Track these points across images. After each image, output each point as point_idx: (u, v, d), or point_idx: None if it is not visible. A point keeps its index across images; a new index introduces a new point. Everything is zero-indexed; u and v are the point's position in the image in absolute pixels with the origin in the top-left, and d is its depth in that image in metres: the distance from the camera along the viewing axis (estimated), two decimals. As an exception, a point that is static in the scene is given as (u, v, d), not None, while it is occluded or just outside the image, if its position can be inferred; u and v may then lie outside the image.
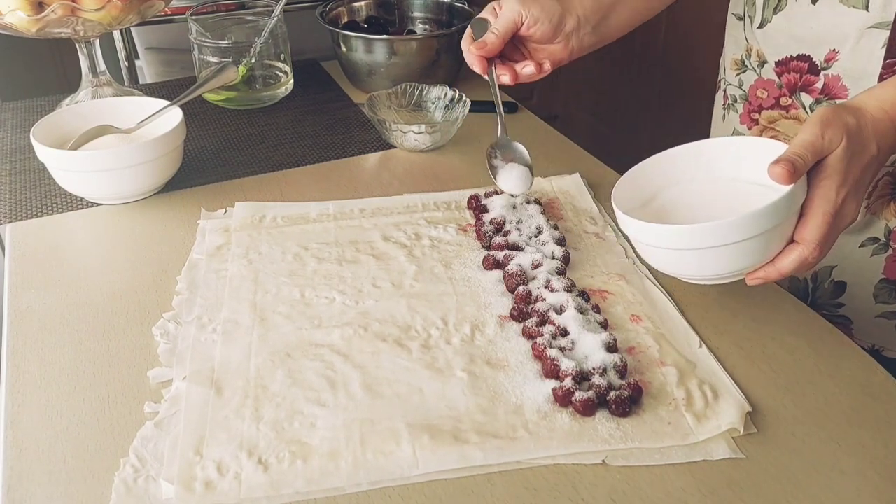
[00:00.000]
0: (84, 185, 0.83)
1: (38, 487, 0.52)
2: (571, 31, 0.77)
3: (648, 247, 0.63)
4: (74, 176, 0.82)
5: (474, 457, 0.54)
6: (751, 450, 0.56)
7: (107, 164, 0.80)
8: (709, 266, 0.60)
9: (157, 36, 1.26)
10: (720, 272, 0.60)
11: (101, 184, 0.82)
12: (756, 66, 0.82)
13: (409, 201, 0.85)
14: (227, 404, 0.58)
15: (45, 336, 0.66)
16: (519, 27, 0.76)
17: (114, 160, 0.80)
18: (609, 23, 0.79)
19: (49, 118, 0.86)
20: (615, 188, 0.65)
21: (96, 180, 0.82)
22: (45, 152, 0.80)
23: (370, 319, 0.67)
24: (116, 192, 0.84)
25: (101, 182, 0.82)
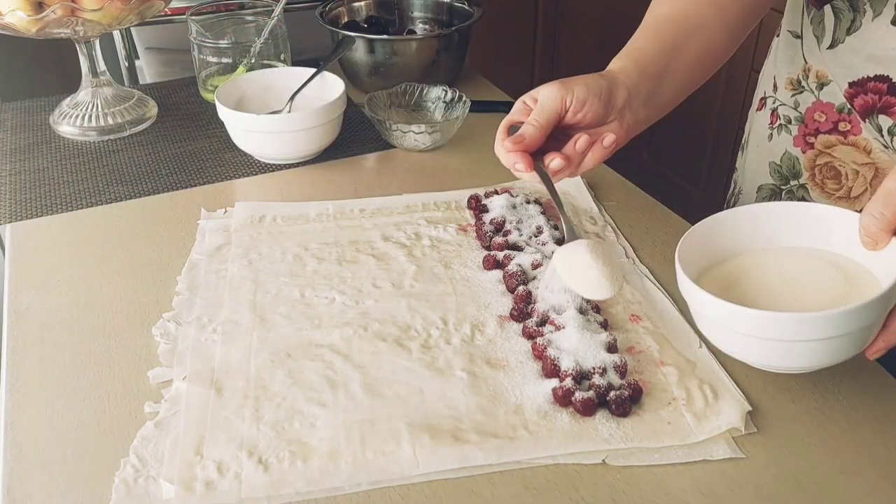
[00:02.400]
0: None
1: (38, 487, 0.52)
2: (624, 106, 0.66)
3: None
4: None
5: (474, 457, 0.54)
6: (751, 450, 0.56)
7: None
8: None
9: (157, 36, 1.26)
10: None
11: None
12: (815, 87, 0.78)
13: (409, 201, 0.85)
14: (227, 404, 0.58)
15: (45, 336, 0.66)
16: (563, 115, 0.64)
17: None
18: (662, 92, 0.69)
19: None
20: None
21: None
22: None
23: (370, 319, 0.67)
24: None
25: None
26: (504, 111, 1.07)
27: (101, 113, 1.01)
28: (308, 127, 0.90)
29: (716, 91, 1.87)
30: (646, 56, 0.69)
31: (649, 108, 0.69)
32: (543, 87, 0.65)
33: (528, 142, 0.63)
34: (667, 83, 0.70)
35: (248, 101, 0.96)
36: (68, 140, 0.99)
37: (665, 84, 0.70)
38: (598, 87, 0.64)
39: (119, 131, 1.01)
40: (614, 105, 0.65)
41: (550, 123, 0.64)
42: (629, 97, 0.66)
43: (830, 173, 0.79)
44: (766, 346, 0.53)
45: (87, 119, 1.00)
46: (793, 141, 0.83)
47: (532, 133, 0.63)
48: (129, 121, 1.02)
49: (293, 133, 0.90)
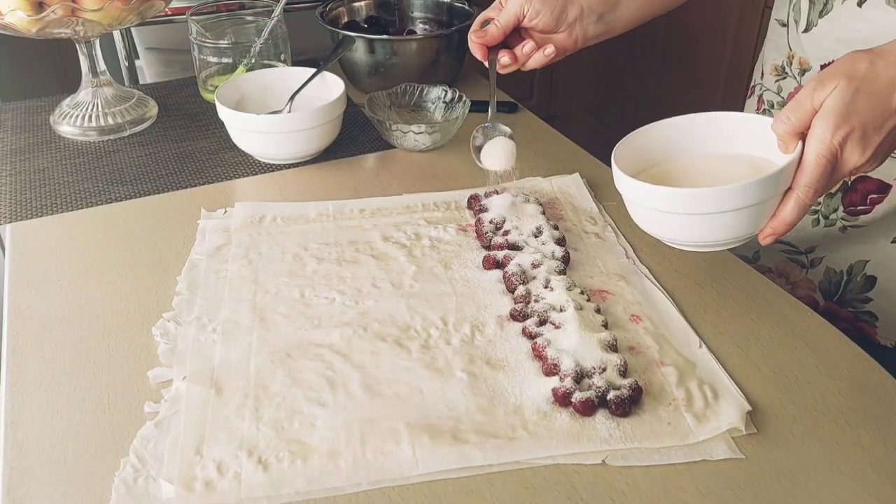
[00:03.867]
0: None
1: (38, 487, 0.53)
2: (575, 21, 0.78)
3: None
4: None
5: (474, 457, 0.54)
6: (750, 450, 0.56)
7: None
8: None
9: (157, 36, 1.26)
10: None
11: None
12: (797, 73, 0.82)
13: (409, 201, 0.85)
14: (227, 404, 0.58)
15: (45, 336, 0.66)
16: (521, 19, 0.77)
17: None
18: (615, 14, 0.80)
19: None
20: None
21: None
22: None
23: (370, 319, 0.67)
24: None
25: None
26: (505, 111, 1.08)
27: (101, 113, 1.01)
28: (308, 127, 0.90)
29: (716, 85, 1.87)
30: None
31: (600, 27, 0.80)
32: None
33: (488, 38, 0.79)
34: (621, 8, 0.80)
35: (248, 101, 0.96)
36: (68, 140, 0.99)
37: (620, 8, 0.80)
38: (554, 1, 0.77)
39: (119, 131, 1.01)
40: (565, 19, 0.78)
41: (510, 25, 0.78)
42: (581, 14, 0.79)
43: None
44: (673, 220, 0.60)
45: (87, 119, 1.00)
46: None
47: (493, 31, 0.79)
48: (129, 121, 1.02)
49: (293, 133, 0.90)
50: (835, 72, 0.56)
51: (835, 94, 0.56)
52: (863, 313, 0.81)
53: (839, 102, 0.55)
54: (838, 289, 0.82)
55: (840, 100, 0.55)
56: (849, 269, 0.82)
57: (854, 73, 0.56)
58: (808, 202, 0.58)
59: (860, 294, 0.81)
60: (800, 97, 0.57)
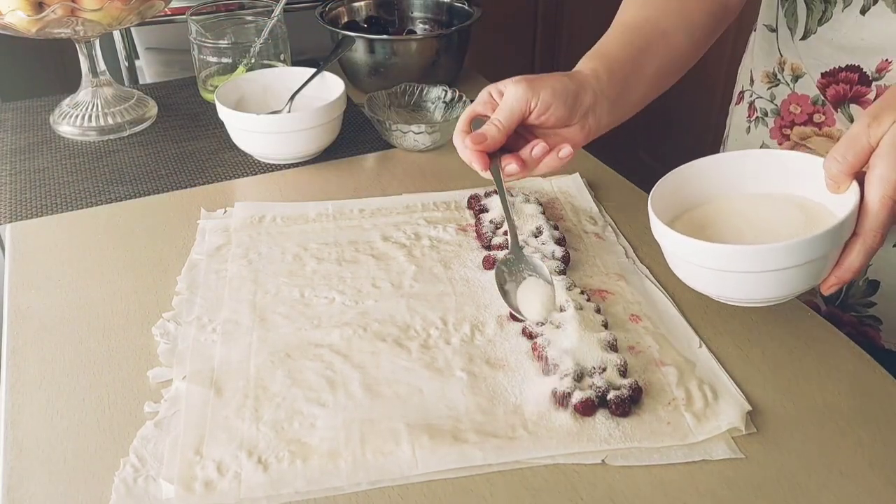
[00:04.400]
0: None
1: (38, 487, 0.53)
2: (588, 110, 0.67)
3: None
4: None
5: (474, 456, 0.54)
6: (750, 450, 0.56)
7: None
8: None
9: (157, 36, 1.26)
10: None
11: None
12: (790, 79, 0.79)
13: (409, 201, 0.85)
14: (227, 404, 0.58)
15: (45, 336, 0.66)
16: (527, 116, 0.65)
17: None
18: (627, 98, 0.70)
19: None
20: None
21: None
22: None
23: (370, 319, 0.67)
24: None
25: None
26: (504, 111, 1.08)
27: (101, 113, 1.01)
28: (308, 127, 0.90)
29: (716, 86, 1.87)
30: (615, 60, 0.70)
31: (613, 114, 0.69)
32: (510, 83, 0.65)
33: (488, 143, 0.64)
34: (632, 89, 0.71)
35: (248, 101, 0.96)
36: (68, 140, 0.99)
37: (631, 90, 0.70)
38: (564, 91, 0.65)
39: (119, 131, 1.01)
40: (579, 109, 0.66)
41: (513, 125, 0.65)
42: (595, 101, 0.67)
43: None
44: (722, 277, 0.56)
45: (87, 119, 1.00)
46: (769, 133, 0.84)
47: (494, 135, 0.64)
48: (129, 121, 1.02)
49: (293, 133, 0.90)
50: (884, 105, 0.53)
51: (893, 130, 0.52)
52: (866, 317, 0.80)
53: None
54: (840, 293, 0.82)
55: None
56: None
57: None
58: (875, 247, 0.55)
59: (863, 298, 0.81)
60: (854, 133, 0.54)
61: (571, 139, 0.68)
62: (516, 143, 0.67)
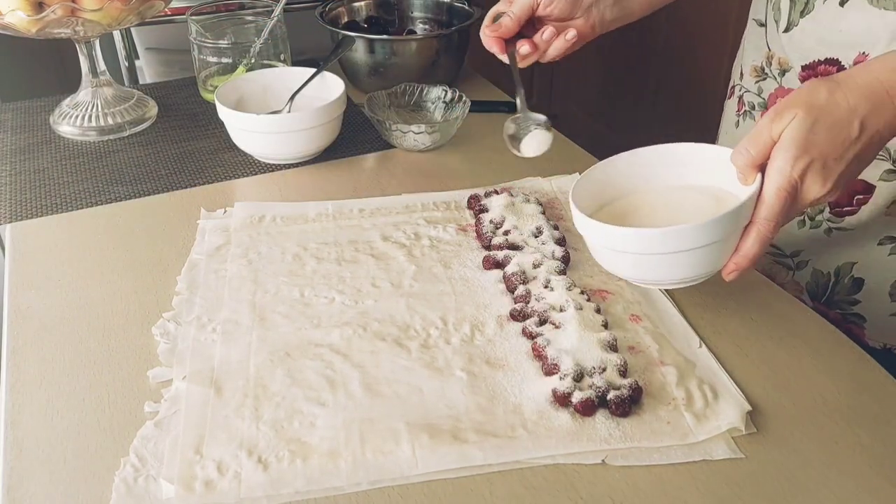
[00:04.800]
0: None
1: (38, 487, 0.53)
2: (591, 4, 0.76)
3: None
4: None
5: (474, 456, 0.54)
6: (750, 449, 0.56)
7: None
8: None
9: (157, 36, 1.26)
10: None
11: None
12: (777, 74, 0.80)
13: (409, 201, 0.85)
14: (227, 404, 0.58)
15: (45, 336, 0.66)
16: (535, 8, 0.75)
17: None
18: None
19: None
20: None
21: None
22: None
23: (369, 319, 0.67)
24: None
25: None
26: (504, 111, 1.08)
27: (101, 113, 1.01)
28: (308, 127, 0.90)
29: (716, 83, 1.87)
30: None
31: (616, 10, 0.78)
32: None
33: (503, 30, 0.76)
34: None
35: (248, 101, 0.96)
36: (68, 140, 0.99)
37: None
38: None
39: (119, 131, 1.01)
40: (581, 3, 0.76)
41: (524, 15, 0.76)
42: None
43: None
44: (632, 259, 0.59)
45: (87, 119, 1.00)
46: None
47: (507, 23, 0.76)
48: (129, 121, 1.02)
49: (293, 133, 0.90)
50: (793, 101, 0.55)
51: (793, 125, 0.55)
52: (851, 315, 0.80)
53: (798, 133, 0.54)
54: (826, 290, 0.82)
55: (799, 131, 0.54)
56: (836, 270, 0.81)
57: (813, 103, 0.55)
58: (769, 235, 0.57)
59: (847, 296, 0.81)
60: (758, 128, 0.56)
61: (579, 31, 0.77)
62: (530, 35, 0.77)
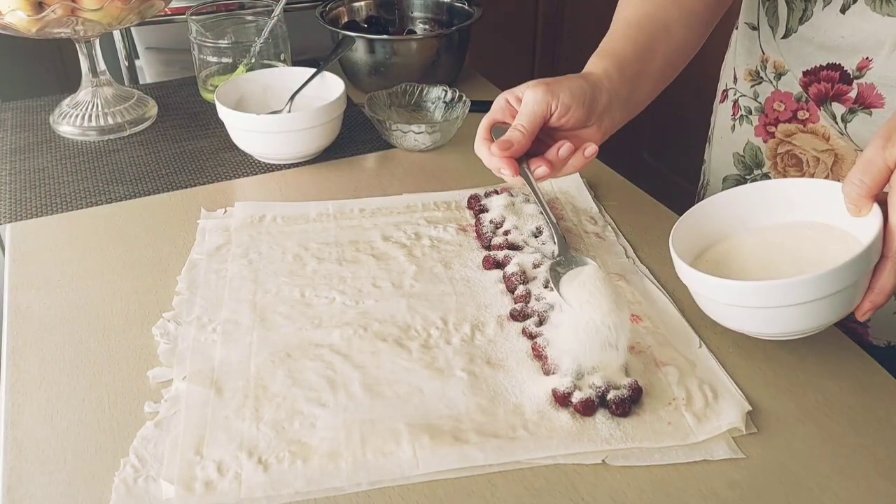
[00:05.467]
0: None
1: (38, 487, 0.52)
2: (604, 110, 0.68)
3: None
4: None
5: (474, 457, 0.54)
6: (751, 450, 0.56)
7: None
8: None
9: (157, 36, 1.26)
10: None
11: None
12: (773, 77, 0.79)
13: (409, 201, 0.85)
14: (227, 404, 0.58)
15: (45, 336, 0.66)
16: (548, 119, 0.66)
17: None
18: (638, 94, 0.72)
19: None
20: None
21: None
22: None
23: (370, 319, 0.67)
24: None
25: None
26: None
27: (101, 113, 1.01)
28: (308, 127, 0.90)
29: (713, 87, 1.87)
30: (624, 59, 0.71)
31: (625, 111, 0.71)
32: (528, 87, 0.66)
33: (515, 148, 0.66)
34: (642, 85, 0.72)
35: (248, 101, 0.96)
36: (68, 140, 0.99)
37: (640, 86, 0.72)
38: (582, 92, 0.66)
39: (119, 131, 1.01)
40: (596, 110, 0.68)
41: (536, 128, 0.66)
42: (610, 101, 0.68)
43: (792, 161, 0.80)
44: (754, 314, 0.56)
45: (87, 119, 1.00)
46: (754, 131, 0.84)
47: (520, 139, 0.66)
48: (129, 121, 1.02)
49: (293, 133, 0.90)
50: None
51: None
52: None
53: None
54: None
55: None
56: None
57: None
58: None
59: None
60: (869, 156, 0.54)
61: (590, 139, 0.69)
62: (537, 148, 0.68)
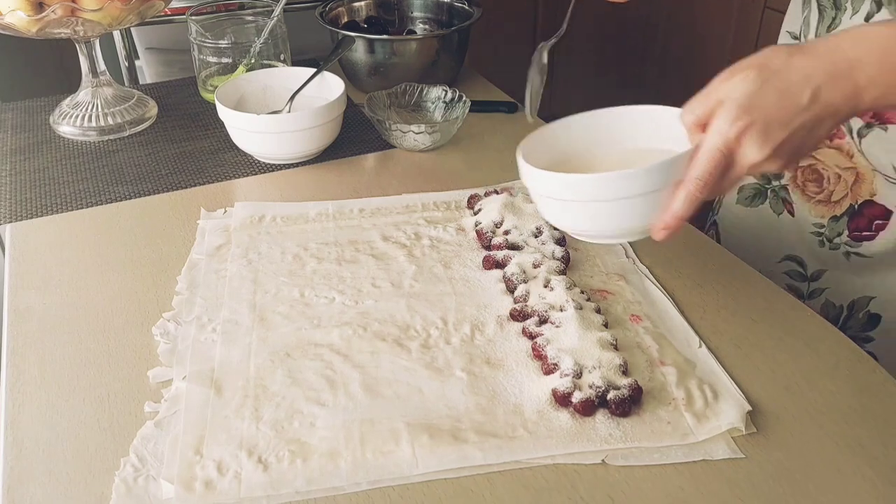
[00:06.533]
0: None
1: (38, 487, 0.53)
2: None
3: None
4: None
5: (474, 456, 0.54)
6: (750, 450, 0.56)
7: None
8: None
9: (157, 36, 1.26)
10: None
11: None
12: None
13: (409, 201, 0.85)
14: (227, 404, 0.58)
15: (45, 336, 0.66)
16: None
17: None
18: None
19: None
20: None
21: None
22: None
23: (370, 319, 0.67)
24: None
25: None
26: (504, 111, 1.08)
27: (101, 113, 1.01)
28: (308, 127, 0.90)
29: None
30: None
31: None
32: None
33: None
34: None
35: (248, 101, 0.96)
36: (68, 140, 0.99)
37: None
38: None
39: (119, 131, 1.01)
40: None
41: None
42: None
43: (813, 176, 0.79)
44: (568, 208, 0.59)
45: (87, 119, 1.00)
46: None
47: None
48: (129, 121, 1.02)
49: (293, 133, 0.90)
50: (749, 62, 0.53)
51: (741, 85, 0.52)
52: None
53: (743, 94, 0.52)
54: (836, 324, 0.79)
55: (744, 91, 0.52)
56: (850, 304, 0.79)
57: (767, 65, 0.52)
58: (697, 196, 0.54)
59: (861, 332, 0.78)
60: (709, 86, 0.54)
61: None
62: None
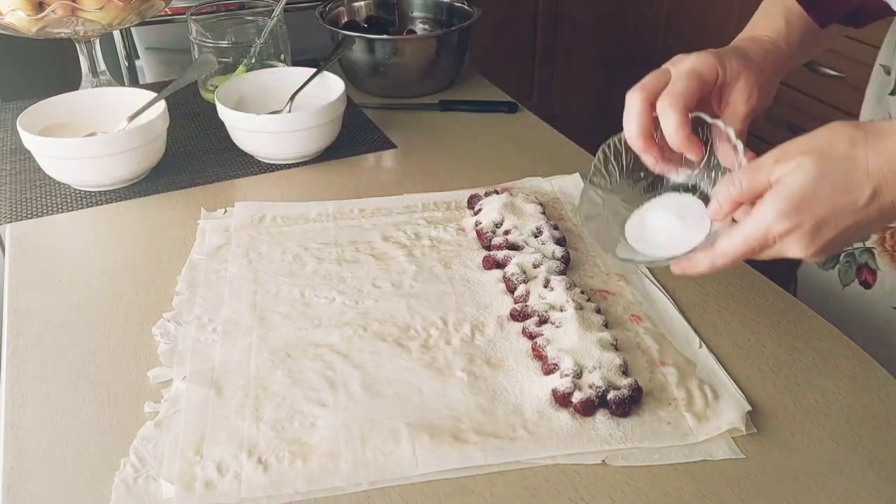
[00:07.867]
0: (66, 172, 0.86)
1: (38, 487, 0.53)
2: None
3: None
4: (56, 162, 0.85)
5: (474, 456, 0.54)
6: (750, 450, 0.56)
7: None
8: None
9: (157, 36, 1.26)
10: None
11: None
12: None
13: (409, 201, 0.85)
14: (228, 404, 0.58)
15: (45, 336, 0.66)
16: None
17: (91, 148, 0.84)
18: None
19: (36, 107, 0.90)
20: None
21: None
22: (29, 139, 0.84)
23: (370, 319, 0.67)
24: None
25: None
26: (504, 111, 1.08)
27: (100, 113, 1.01)
28: (308, 127, 0.90)
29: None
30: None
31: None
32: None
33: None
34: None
35: (248, 101, 0.96)
36: (68, 140, 0.99)
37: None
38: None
39: (119, 131, 1.00)
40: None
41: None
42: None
43: None
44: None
45: (86, 119, 1.00)
46: None
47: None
48: (129, 121, 1.02)
49: (293, 133, 0.90)
50: (807, 144, 0.48)
51: (796, 175, 0.47)
52: None
53: (797, 187, 0.47)
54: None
55: (799, 183, 0.47)
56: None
57: (827, 153, 0.47)
58: (720, 267, 0.53)
59: None
60: (760, 162, 0.50)
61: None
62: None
